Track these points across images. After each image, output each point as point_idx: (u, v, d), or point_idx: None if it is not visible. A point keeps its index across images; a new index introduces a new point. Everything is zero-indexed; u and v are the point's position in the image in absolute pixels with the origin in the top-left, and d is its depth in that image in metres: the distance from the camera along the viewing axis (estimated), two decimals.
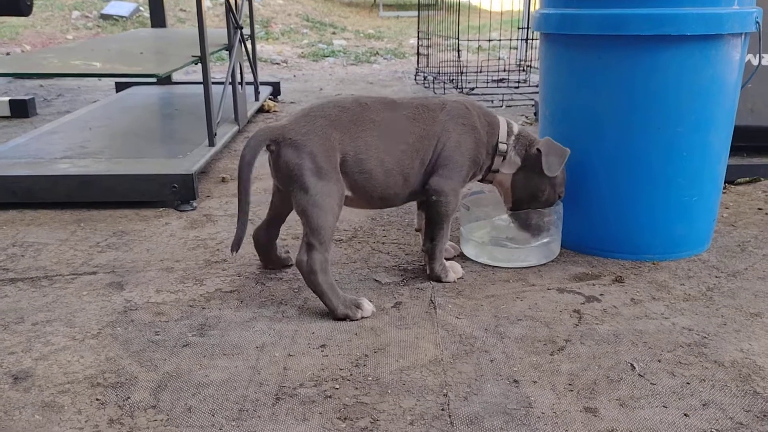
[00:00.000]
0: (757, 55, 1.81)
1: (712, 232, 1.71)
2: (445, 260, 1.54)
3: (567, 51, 1.60)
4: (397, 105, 1.48)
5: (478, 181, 1.60)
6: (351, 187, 1.42)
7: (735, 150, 1.87)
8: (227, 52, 2.78)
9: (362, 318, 1.36)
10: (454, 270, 1.53)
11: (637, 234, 1.60)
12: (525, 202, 1.58)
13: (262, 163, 1.40)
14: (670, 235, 1.60)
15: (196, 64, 2.40)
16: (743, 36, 1.52)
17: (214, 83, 2.46)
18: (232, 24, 2.72)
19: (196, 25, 2.31)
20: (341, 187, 1.38)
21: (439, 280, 1.52)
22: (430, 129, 1.47)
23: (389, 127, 1.44)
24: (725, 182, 2.06)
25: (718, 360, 1.20)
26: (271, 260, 1.60)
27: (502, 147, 1.54)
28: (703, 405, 1.07)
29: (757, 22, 1.51)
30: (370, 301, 1.40)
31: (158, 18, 3.83)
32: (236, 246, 1.40)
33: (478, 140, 1.50)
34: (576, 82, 1.60)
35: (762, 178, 2.20)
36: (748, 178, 2.18)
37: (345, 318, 1.36)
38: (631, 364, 1.19)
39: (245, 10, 3.03)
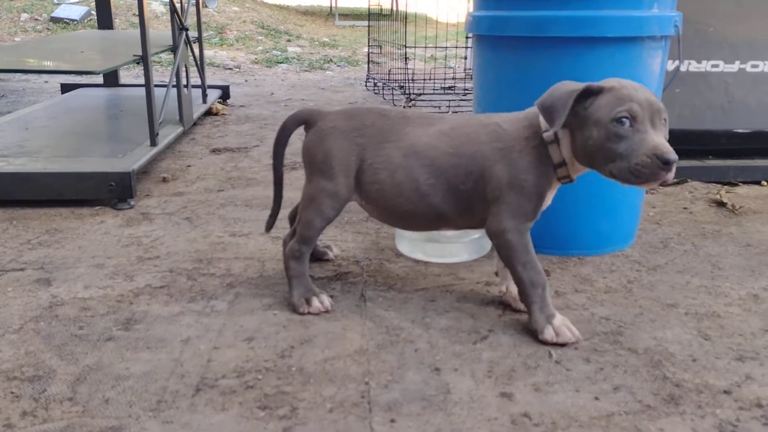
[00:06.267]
0: (678, 60, 1.88)
1: (636, 229, 1.77)
2: (556, 312, 1.27)
3: (496, 52, 1.65)
4: (435, 120, 1.38)
5: (565, 183, 1.32)
6: (365, 196, 1.37)
7: None
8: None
9: (308, 313, 1.35)
10: (569, 329, 1.25)
11: (563, 230, 1.65)
12: (589, 159, 1.25)
13: None
14: (595, 231, 1.66)
15: (138, 63, 2.38)
16: (663, 39, 1.59)
17: (158, 85, 2.44)
18: (177, 25, 2.71)
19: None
20: (346, 193, 1.36)
21: (537, 334, 1.26)
22: (466, 151, 1.30)
23: (415, 141, 1.33)
24: None
25: (632, 347, 1.24)
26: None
27: (547, 136, 1.27)
28: (614, 389, 1.11)
29: (677, 26, 1.58)
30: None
31: (105, 20, 3.78)
32: (268, 226, 1.53)
33: (529, 161, 1.27)
34: (504, 82, 1.64)
35: (689, 180, 2.30)
36: (675, 180, 2.26)
37: (293, 308, 1.37)
38: (549, 352, 1.22)
39: (198, 15, 3.03)
